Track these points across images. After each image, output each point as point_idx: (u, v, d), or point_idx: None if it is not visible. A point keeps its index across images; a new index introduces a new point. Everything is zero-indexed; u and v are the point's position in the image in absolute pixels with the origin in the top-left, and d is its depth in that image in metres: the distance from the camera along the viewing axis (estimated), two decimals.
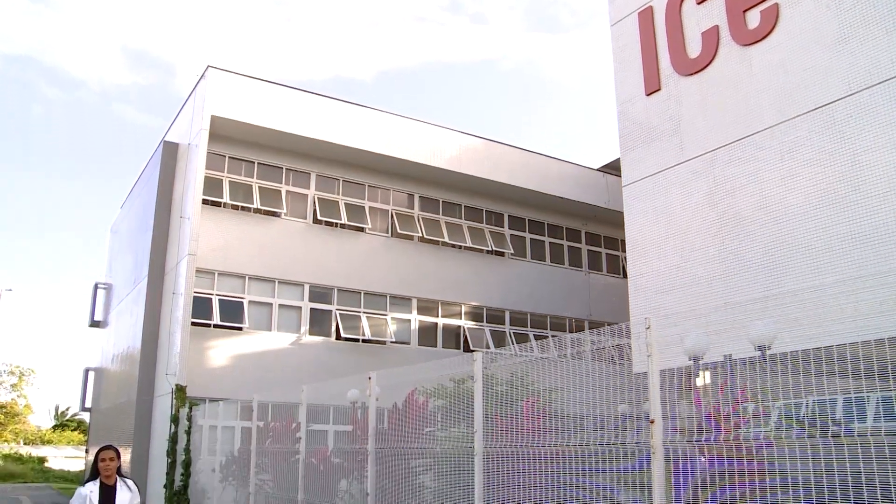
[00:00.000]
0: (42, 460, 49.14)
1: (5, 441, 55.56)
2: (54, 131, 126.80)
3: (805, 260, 13.31)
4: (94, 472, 7.01)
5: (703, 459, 6.39)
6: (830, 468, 5.39)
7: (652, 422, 6.74)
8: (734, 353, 6.78)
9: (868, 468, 5.13)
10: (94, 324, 35.55)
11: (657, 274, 16.34)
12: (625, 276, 22.99)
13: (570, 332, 28.87)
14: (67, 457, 52.93)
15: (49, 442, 63.84)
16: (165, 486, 21.68)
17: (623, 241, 20.16)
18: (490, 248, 28.53)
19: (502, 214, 29.57)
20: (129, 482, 7.13)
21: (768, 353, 6.52)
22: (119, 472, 7.16)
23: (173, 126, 27.52)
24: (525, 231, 30.03)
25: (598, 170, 30.44)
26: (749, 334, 6.75)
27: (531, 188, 28.63)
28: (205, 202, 23.27)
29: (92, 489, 6.85)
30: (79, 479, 39.86)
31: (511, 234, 29.46)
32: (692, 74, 16.01)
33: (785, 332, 6.71)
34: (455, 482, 9.28)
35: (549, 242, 30.59)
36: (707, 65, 15.70)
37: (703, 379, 6.64)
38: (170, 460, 21.75)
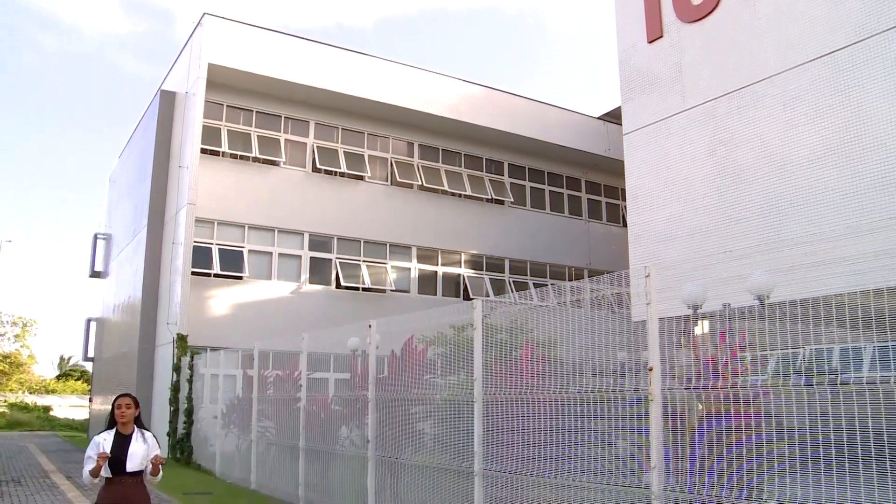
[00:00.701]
0: (47, 409, 49.66)
1: (11, 391, 56.11)
2: (49, 80, 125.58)
3: (805, 209, 13.30)
4: (111, 421, 6.62)
5: (700, 407, 6.45)
6: (826, 416, 5.44)
7: (650, 369, 6.80)
8: (733, 302, 6.80)
9: (863, 416, 5.18)
10: (95, 274, 35.64)
11: (657, 223, 16.34)
12: (625, 224, 22.99)
13: (570, 280, 28.94)
14: (72, 406, 53.46)
15: (53, 391, 64.40)
16: (168, 434, 21.95)
17: (623, 190, 20.13)
18: (490, 197, 28.49)
19: (502, 162, 29.46)
20: (148, 434, 6.70)
21: (767, 302, 6.55)
22: (138, 421, 6.72)
23: (170, 75, 27.26)
24: (525, 179, 29.94)
25: (598, 118, 30.23)
26: (748, 283, 6.77)
27: (531, 136, 28.47)
28: (203, 151, 23.17)
29: (106, 437, 6.48)
30: (83, 428, 40.40)
31: (511, 183, 29.38)
32: (695, 21, 15.80)
33: (784, 282, 6.73)
34: (455, 429, 9.38)
35: (549, 191, 30.52)
36: (710, 12, 15.49)
37: (702, 328, 6.67)
38: (172, 408, 22.00)
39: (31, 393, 59.69)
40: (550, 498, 7.88)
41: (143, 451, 6.51)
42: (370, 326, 11.54)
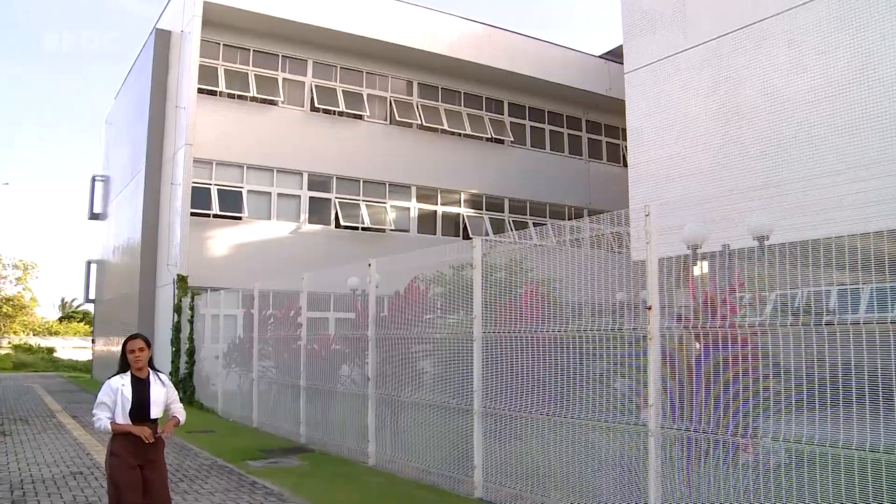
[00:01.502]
0: (51, 350, 50.18)
1: (14, 333, 56.54)
2: (44, 19, 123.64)
3: (808, 150, 13.22)
4: (123, 365, 6.07)
5: (698, 346, 6.49)
6: (822, 356, 5.49)
7: (649, 308, 6.83)
8: (733, 242, 6.80)
9: (858, 356, 5.22)
10: (94, 216, 35.58)
11: (657, 162, 16.26)
12: (625, 164, 22.87)
13: (569, 220, 28.93)
14: (75, 347, 53.98)
15: (56, 333, 64.92)
16: (171, 374, 22.15)
17: (624, 130, 19.98)
18: (489, 136, 28.30)
19: (502, 102, 29.19)
20: (163, 376, 6.26)
21: (766, 243, 6.55)
22: (151, 364, 6.22)
23: (165, 13, 26.81)
24: (525, 118, 29.70)
25: (600, 57, 29.84)
26: (748, 224, 6.76)
27: (531, 75, 28.14)
28: (200, 91, 22.94)
29: (123, 382, 5.95)
30: (86, 368, 40.77)
31: (511, 122, 29.16)
32: None
33: (784, 223, 6.73)
34: (454, 367, 9.47)
35: (549, 130, 30.31)
36: None
37: (701, 268, 6.68)
38: (174, 349, 22.19)
39: (34, 335, 60.17)
40: (548, 435, 7.98)
41: (163, 395, 6.12)
42: (370, 266, 11.56)
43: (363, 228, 25.08)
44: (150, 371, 6.15)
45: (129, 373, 6.04)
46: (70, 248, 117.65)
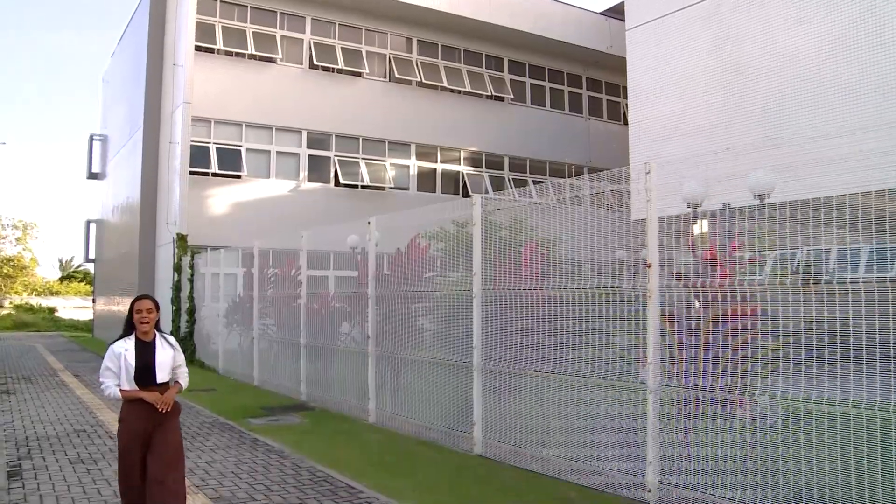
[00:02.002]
0: (52, 310, 50.33)
1: (16, 293, 56.70)
2: None
3: (809, 108, 13.12)
4: (128, 327, 5.73)
5: (697, 305, 6.51)
6: (820, 315, 5.50)
7: (649, 266, 6.83)
8: (733, 201, 6.78)
9: (856, 315, 5.23)
10: (93, 176, 35.44)
11: (658, 120, 16.15)
12: (625, 122, 22.73)
13: (569, 178, 28.81)
14: (76, 307, 54.15)
15: (57, 293, 65.03)
16: (171, 333, 22.15)
17: (625, 88, 19.83)
18: (489, 93, 28.09)
19: (502, 59, 28.92)
20: (170, 338, 5.94)
21: (767, 201, 6.53)
22: (158, 326, 5.87)
23: None
24: (525, 76, 29.45)
25: (601, 14, 29.50)
26: (749, 182, 6.74)
27: (532, 32, 27.83)
28: (198, 49, 22.71)
29: (126, 347, 5.64)
30: (87, 328, 40.92)
31: (511, 79, 28.92)
32: None
33: (785, 181, 6.70)
34: (454, 324, 9.51)
35: (550, 88, 30.07)
36: None
37: (701, 226, 6.67)
38: (174, 308, 22.24)
39: (35, 295, 60.32)
40: (547, 392, 8.04)
41: (170, 358, 5.80)
42: (369, 223, 11.55)
43: (362, 186, 25.00)
44: (157, 334, 5.82)
45: (133, 336, 5.71)
46: (69, 207, 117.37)
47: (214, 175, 22.71)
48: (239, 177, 23.13)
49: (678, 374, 6.58)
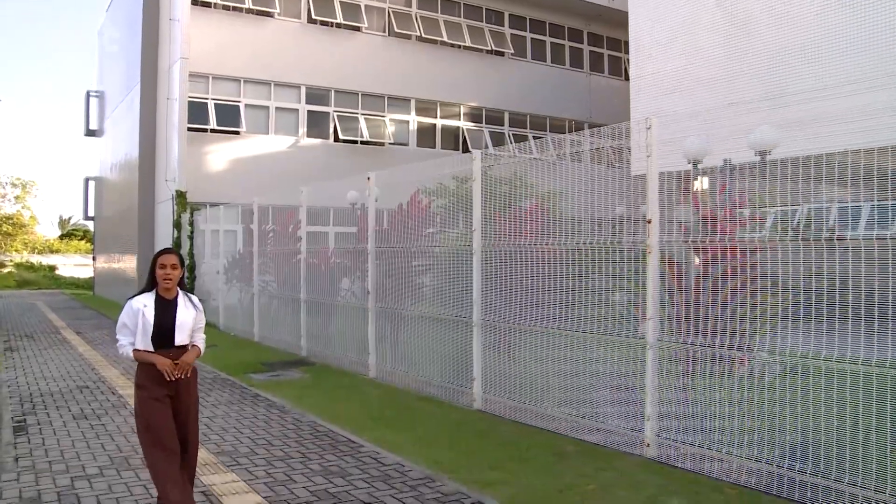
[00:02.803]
0: (52, 268, 50.46)
1: (16, 251, 56.77)
2: None
3: (813, 63, 12.98)
4: (150, 283, 5.29)
5: (697, 260, 6.51)
6: (819, 272, 5.50)
7: (649, 221, 6.82)
8: (734, 157, 6.75)
9: (856, 272, 5.24)
10: (90, 133, 35.26)
11: (660, 75, 16.01)
12: (627, 78, 22.53)
13: (570, 133, 28.65)
14: (76, 265, 54.26)
15: (57, 251, 65.13)
16: None
17: (626, 42, 19.61)
18: (490, 48, 27.81)
19: (502, 13, 28.58)
20: (194, 298, 5.48)
21: (768, 158, 6.49)
22: (182, 284, 5.40)
23: None
24: (526, 30, 29.13)
25: None
26: (750, 138, 6.69)
27: None
28: (194, 3, 22.44)
29: (146, 303, 5.17)
30: (88, 286, 41.03)
31: (511, 34, 28.61)
32: None
33: (787, 138, 6.66)
34: (454, 280, 9.53)
35: (551, 42, 29.77)
36: None
37: (702, 183, 6.64)
38: None
39: (35, 253, 60.41)
40: (547, 348, 8.08)
41: (192, 318, 5.32)
42: (369, 179, 11.51)
43: (362, 142, 24.88)
44: (180, 292, 5.35)
45: (154, 292, 5.24)
46: (68, 165, 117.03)
47: (213, 131, 22.60)
48: (238, 133, 23.01)
49: (677, 329, 6.61)
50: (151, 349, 5.10)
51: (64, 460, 6.92)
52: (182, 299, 5.33)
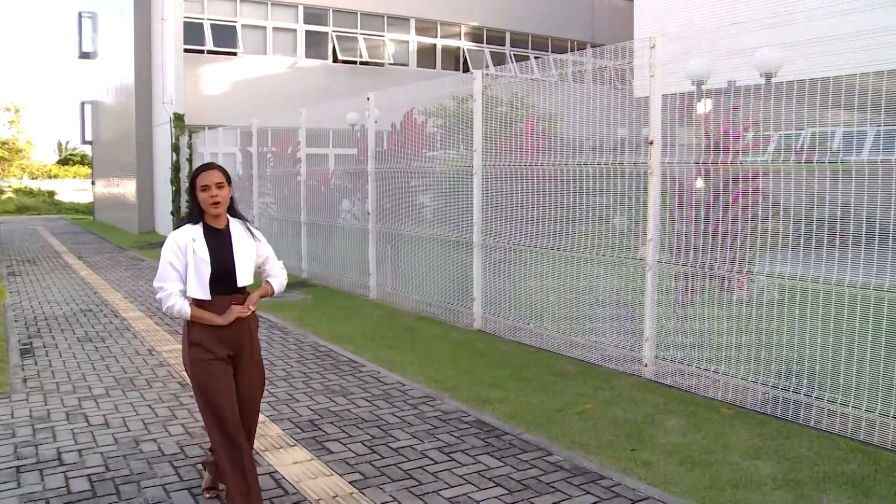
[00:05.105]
0: (51, 194, 50.35)
1: (14, 176, 56.56)
2: None
3: None
4: (194, 211, 4.10)
5: (698, 183, 6.49)
6: (822, 197, 5.49)
7: (651, 143, 6.77)
8: (739, 79, 6.65)
9: (858, 197, 5.22)
10: (84, 55, 34.68)
11: None
12: None
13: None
14: (75, 190, 54.10)
15: (55, 176, 64.83)
16: (172, 213, 22.33)
17: None
18: None
19: None
20: (251, 225, 4.34)
21: (773, 80, 6.40)
22: (233, 208, 4.23)
23: None
24: None
25: None
26: (755, 59, 6.59)
27: None
28: None
29: (194, 236, 4.00)
30: (88, 210, 40.98)
31: None
32: None
33: (792, 60, 6.54)
34: (454, 200, 9.51)
35: None
36: None
37: (705, 105, 6.57)
38: (173, 188, 22.24)
39: (33, 179, 60.21)
40: (547, 269, 8.12)
41: (252, 251, 4.20)
42: (368, 99, 11.40)
43: (361, 63, 24.55)
44: (231, 219, 4.21)
45: (200, 223, 4.08)
46: (64, 89, 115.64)
47: (210, 52, 22.28)
48: (235, 54, 22.68)
49: (677, 250, 6.63)
50: (208, 296, 3.98)
51: (70, 381, 7.02)
52: (236, 226, 4.20)
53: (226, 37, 22.51)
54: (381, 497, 4.40)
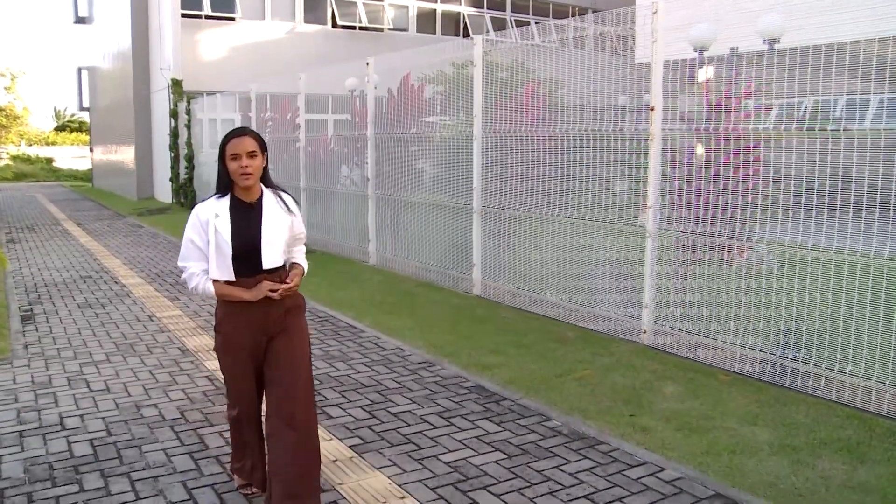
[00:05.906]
0: (50, 161, 50.13)
1: (12, 143, 56.28)
2: None
3: None
4: (224, 182, 3.64)
5: (699, 150, 6.46)
6: (823, 165, 5.47)
7: (652, 109, 6.74)
8: (742, 45, 6.59)
9: (860, 165, 5.20)
10: (80, 20, 34.34)
11: None
12: None
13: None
14: (74, 157, 53.85)
15: (53, 143, 64.48)
16: (171, 180, 22.27)
17: None
18: None
19: None
20: (287, 197, 3.84)
21: (777, 46, 6.35)
22: (266, 178, 3.78)
23: None
24: None
25: None
26: (759, 25, 6.53)
27: None
28: None
29: (217, 212, 3.58)
30: (87, 177, 40.83)
31: None
32: None
33: (797, 26, 6.47)
34: (454, 166, 9.49)
35: None
36: None
37: (707, 72, 6.52)
38: (172, 155, 22.16)
39: (30, 145, 59.93)
40: (546, 235, 8.12)
41: (285, 228, 3.71)
42: (368, 65, 11.32)
43: (360, 28, 24.35)
44: (265, 190, 3.76)
45: (228, 196, 3.65)
46: (60, 55, 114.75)
47: (207, 17, 22.08)
48: (233, 19, 22.48)
49: (677, 217, 6.62)
50: (233, 277, 3.58)
51: (71, 347, 7.05)
52: (269, 200, 3.73)
53: (224, 1, 22.30)
54: (380, 461, 4.44)
